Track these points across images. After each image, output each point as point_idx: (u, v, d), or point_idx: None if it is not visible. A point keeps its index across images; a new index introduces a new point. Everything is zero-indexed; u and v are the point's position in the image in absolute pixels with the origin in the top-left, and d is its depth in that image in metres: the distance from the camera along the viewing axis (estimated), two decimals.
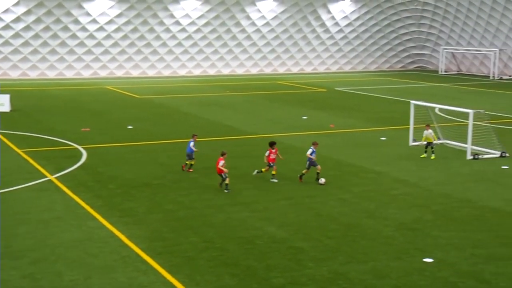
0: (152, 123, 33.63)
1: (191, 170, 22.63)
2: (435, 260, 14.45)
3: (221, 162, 19.93)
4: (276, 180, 21.29)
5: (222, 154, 20.26)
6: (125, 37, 60.87)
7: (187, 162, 22.78)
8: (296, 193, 20.07)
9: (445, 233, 16.28)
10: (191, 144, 22.69)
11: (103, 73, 60.74)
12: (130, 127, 32.16)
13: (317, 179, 21.20)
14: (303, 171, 21.41)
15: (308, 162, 21.38)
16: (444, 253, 14.86)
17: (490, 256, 14.70)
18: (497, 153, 25.50)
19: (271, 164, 21.34)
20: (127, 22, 60.53)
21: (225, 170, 19.89)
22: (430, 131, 25.22)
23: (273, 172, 21.41)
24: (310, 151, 21.43)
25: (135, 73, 62.01)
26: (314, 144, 21.78)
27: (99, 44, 60.10)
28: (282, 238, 15.88)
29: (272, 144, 21.49)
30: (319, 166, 21.32)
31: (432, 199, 19.47)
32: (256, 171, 21.71)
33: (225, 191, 19.84)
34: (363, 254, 14.83)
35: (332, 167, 23.70)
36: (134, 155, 25.54)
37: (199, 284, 13.10)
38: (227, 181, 19.86)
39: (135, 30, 60.98)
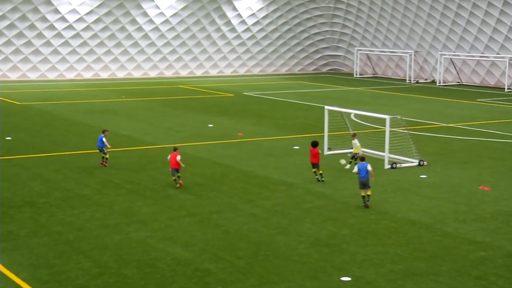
0: (35, 134, 32.49)
1: (105, 164, 25.13)
2: (353, 278, 14.87)
3: (178, 157, 22.15)
4: (324, 180, 23.32)
5: (175, 150, 22.55)
6: None
7: (103, 156, 25.31)
8: (201, 209, 20.05)
9: (362, 249, 16.81)
10: (103, 139, 25.06)
11: None
12: (8, 138, 30.91)
13: (365, 202, 20.49)
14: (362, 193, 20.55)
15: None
16: (362, 270, 15.33)
17: (408, 271, 15.32)
18: (415, 162, 26.67)
19: (316, 165, 23.23)
20: (1, 17, 58.21)
21: (182, 165, 22.34)
22: (355, 141, 25.92)
23: (320, 172, 23.29)
24: (356, 169, 20.76)
25: (13, 76, 59.68)
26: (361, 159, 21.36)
27: None
28: (187, 259, 15.79)
29: (315, 144, 23.23)
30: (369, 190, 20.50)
31: (348, 212, 20.05)
32: (318, 178, 23.37)
33: (177, 185, 22.27)
34: (276, 274, 15.01)
35: (240, 179, 23.88)
36: (12, 170, 24.54)
37: None
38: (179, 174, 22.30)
39: (11, 26, 58.70)
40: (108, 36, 62.89)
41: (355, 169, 20.90)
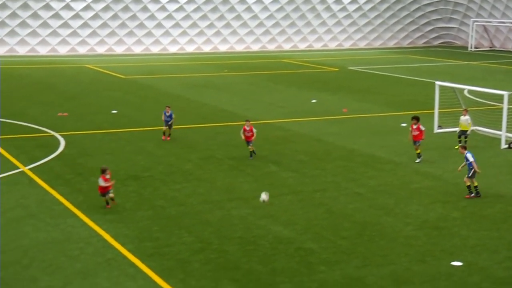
0: (138, 108, 33.64)
1: (168, 138, 26.00)
2: (465, 263, 14.51)
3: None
4: (418, 160, 22.68)
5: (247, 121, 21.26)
6: (107, 8, 60.72)
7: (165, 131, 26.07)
8: (303, 187, 20.12)
9: (475, 233, 16.34)
10: (167, 114, 26.00)
11: (82, 50, 60.67)
12: (114, 111, 32.19)
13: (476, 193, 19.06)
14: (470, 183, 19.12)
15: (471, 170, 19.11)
16: (475, 256, 14.93)
17: None
18: None
19: (416, 142, 22.76)
20: None
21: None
22: (467, 117, 25.11)
23: (417, 151, 22.83)
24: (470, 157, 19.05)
25: (119, 50, 61.93)
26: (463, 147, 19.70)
27: (77, 16, 60.02)
28: (289, 238, 15.93)
29: (416, 119, 22.77)
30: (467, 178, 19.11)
31: (460, 194, 19.51)
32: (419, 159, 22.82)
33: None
34: (382, 256, 14.89)
35: (344, 157, 23.75)
36: (118, 144, 25.57)
37: None
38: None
39: (118, 0, 60.82)
40: (211, 9, 63.83)
41: (472, 158, 19.11)
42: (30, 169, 21.62)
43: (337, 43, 69.76)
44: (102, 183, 18.02)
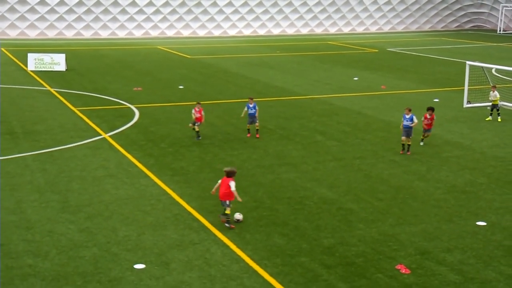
0: (201, 83, 33.79)
1: (257, 135, 21.82)
2: (489, 223, 14.19)
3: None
4: (422, 143, 20.81)
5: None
6: None
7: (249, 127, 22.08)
8: (345, 154, 19.93)
9: (499, 197, 15.93)
10: (251, 106, 21.76)
11: (154, 33, 61.12)
12: (181, 87, 32.43)
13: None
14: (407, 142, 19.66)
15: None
16: (498, 217, 14.57)
17: None
18: None
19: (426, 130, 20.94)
20: None
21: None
22: (495, 93, 24.51)
23: (423, 136, 21.02)
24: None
25: (185, 33, 62.14)
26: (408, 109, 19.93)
27: (150, 4, 60.40)
28: (332, 199, 15.86)
29: (429, 109, 20.78)
30: (408, 138, 19.76)
31: (486, 162, 19.02)
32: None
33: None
34: (414, 216, 14.69)
35: (382, 128, 23.40)
36: (184, 115, 25.76)
37: (249, 242, 13.28)
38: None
39: None
40: None
41: (416, 119, 19.68)
42: (110, 136, 22.04)
43: (377, 27, 68.32)
44: (233, 188, 13.79)
